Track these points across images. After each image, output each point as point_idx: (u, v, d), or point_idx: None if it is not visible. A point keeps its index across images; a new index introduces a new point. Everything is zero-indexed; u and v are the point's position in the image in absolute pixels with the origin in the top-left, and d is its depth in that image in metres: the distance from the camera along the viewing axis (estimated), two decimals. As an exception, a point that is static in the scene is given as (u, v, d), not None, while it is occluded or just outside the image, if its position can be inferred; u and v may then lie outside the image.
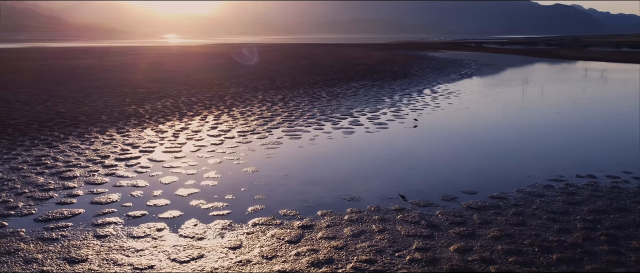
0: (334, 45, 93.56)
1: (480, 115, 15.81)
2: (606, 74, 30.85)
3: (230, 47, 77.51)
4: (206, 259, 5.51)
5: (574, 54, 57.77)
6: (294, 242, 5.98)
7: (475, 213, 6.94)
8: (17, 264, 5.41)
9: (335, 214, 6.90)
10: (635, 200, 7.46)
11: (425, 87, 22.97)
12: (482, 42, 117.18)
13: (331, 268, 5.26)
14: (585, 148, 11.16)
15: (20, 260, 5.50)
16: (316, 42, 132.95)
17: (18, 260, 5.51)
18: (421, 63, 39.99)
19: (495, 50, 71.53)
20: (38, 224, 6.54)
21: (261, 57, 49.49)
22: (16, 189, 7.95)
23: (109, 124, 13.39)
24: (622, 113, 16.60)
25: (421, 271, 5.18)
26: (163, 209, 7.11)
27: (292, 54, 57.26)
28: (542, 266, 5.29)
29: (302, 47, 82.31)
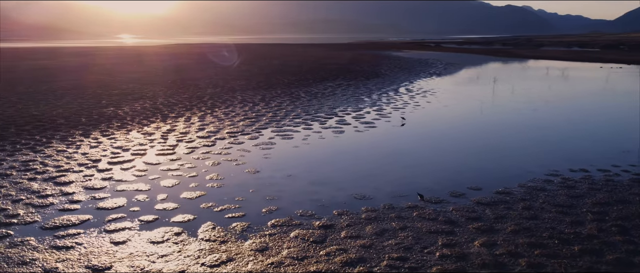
0: (298, 46, 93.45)
1: (462, 113, 16.14)
2: (567, 73, 32.09)
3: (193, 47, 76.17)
4: (237, 262, 5.41)
5: (531, 53, 59.86)
6: (320, 242, 5.95)
7: (487, 208, 7.09)
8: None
9: (351, 213, 6.91)
10: (631, 192, 7.80)
11: (400, 86, 23.28)
12: (440, 42, 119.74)
13: (366, 267, 5.27)
14: (571, 143, 11.57)
15: (39, 270, 5.24)
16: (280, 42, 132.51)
17: (37, 270, 5.25)
18: (389, 63, 40.49)
19: (455, 50, 73.22)
20: (46, 232, 6.25)
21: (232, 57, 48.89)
22: (11, 196, 7.57)
23: (90, 126, 12.93)
24: (594, 109, 17.29)
25: (455, 267, 5.26)
26: (174, 213, 6.93)
27: (260, 54, 56.82)
28: (568, 257, 5.46)
29: (267, 48, 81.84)
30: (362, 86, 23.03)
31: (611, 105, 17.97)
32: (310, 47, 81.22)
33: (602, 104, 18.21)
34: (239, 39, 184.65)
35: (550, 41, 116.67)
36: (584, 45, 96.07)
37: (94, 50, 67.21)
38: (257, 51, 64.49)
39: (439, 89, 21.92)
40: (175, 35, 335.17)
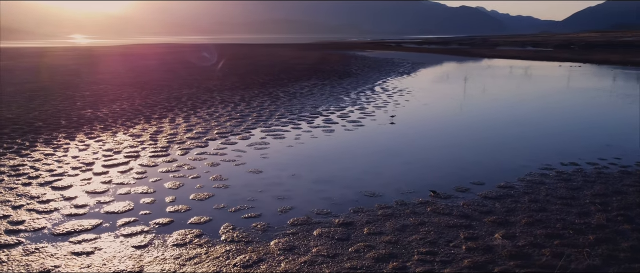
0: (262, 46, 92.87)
1: (444, 111, 16.49)
2: (531, 71, 33.24)
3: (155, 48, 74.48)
4: (269, 263, 5.38)
5: (490, 53, 61.63)
6: (345, 240, 5.98)
7: (495, 202, 7.31)
8: (66, 281, 4.98)
9: (367, 211, 6.98)
10: (624, 183, 8.20)
11: (374, 85, 23.55)
12: (400, 42, 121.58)
13: (399, 262, 5.34)
14: (555, 139, 12.01)
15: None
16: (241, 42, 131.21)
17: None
18: (357, 62, 40.84)
19: (416, 50, 74.53)
20: (60, 238, 6.03)
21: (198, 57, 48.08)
22: (9, 202, 7.25)
23: (73, 129, 12.49)
24: (568, 106, 17.97)
25: (484, 259, 5.40)
26: (187, 215, 6.82)
27: (225, 54, 56.12)
28: (587, 246, 5.70)
29: (230, 48, 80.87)
30: (338, 85, 23.16)
31: (584, 102, 18.74)
32: (274, 48, 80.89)
33: (574, 101, 18.97)
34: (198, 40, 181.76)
35: (504, 41, 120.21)
36: (537, 44, 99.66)
37: (51, 51, 64.71)
38: (222, 52, 63.67)
39: (414, 88, 22.30)
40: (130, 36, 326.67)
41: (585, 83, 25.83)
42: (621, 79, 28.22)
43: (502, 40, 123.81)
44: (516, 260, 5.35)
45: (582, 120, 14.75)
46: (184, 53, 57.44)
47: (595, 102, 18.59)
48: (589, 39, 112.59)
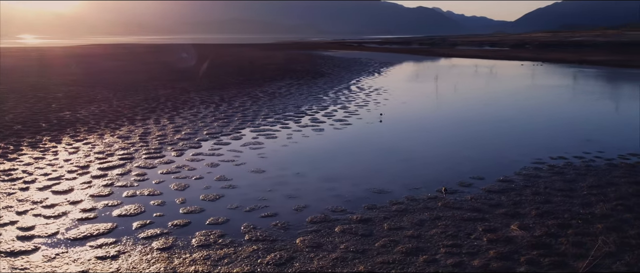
0: (221, 46, 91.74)
1: (425, 109, 16.84)
2: (497, 70, 34.29)
3: (116, 49, 72.42)
4: (301, 260, 5.42)
5: (452, 52, 63.16)
6: (369, 236, 6.08)
7: (501, 195, 7.57)
8: (100, 286, 4.87)
9: (381, 207, 7.10)
10: (613, 175, 8.64)
11: (349, 84, 23.76)
12: (361, 42, 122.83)
13: (428, 256, 5.48)
14: (539, 134, 12.50)
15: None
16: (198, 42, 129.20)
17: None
18: (326, 62, 41.04)
19: (379, 49, 75.51)
20: (78, 243, 5.87)
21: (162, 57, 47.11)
22: (12, 207, 6.99)
23: (56, 131, 12.08)
24: (542, 102, 18.66)
25: (508, 249, 5.61)
26: (203, 216, 6.76)
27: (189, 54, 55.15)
28: (599, 234, 6.00)
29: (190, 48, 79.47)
30: (314, 85, 23.25)
31: (556, 99, 19.46)
32: (236, 48, 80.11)
33: (547, 98, 19.68)
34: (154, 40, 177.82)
35: (462, 41, 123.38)
36: (494, 44, 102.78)
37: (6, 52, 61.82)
38: (182, 52, 62.55)
39: (389, 87, 22.63)
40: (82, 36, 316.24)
41: (551, 81, 26.90)
42: (582, 77, 29.50)
43: (460, 40, 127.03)
44: (538, 250, 5.58)
45: (559, 117, 15.37)
46: (146, 54, 56.21)
47: (566, 99, 19.39)
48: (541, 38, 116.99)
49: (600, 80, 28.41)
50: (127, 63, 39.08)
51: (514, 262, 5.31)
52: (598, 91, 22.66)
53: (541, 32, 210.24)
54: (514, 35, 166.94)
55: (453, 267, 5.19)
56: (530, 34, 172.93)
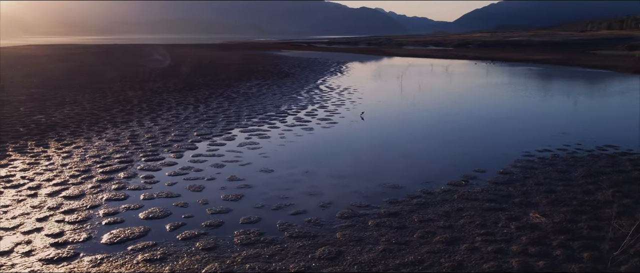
0: (172, 46, 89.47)
1: (401, 108, 17.29)
2: (453, 68, 35.50)
3: (58, 49, 69.06)
4: (351, 254, 5.59)
5: (403, 52, 64.74)
6: (403, 228, 6.33)
7: (508, 187, 8.03)
8: (163, 287, 4.85)
9: (402, 201, 7.37)
10: (599, 165, 9.33)
11: (317, 84, 23.97)
12: (310, 42, 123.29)
13: (468, 244, 5.79)
14: (518, 128, 13.19)
15: (157, 284, 4.92)
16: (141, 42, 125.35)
17: (154, 283, 4.93)
18: (285, 62, 41.06)
19: (329, 49, 76.24)
20: (116, 247, 5.78)
21: (112, 59, 45.43)
22: (28, 214, 6.73)
23: (38, 136, 11.57)
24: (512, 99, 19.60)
25: (537, 235, 6.01)
26: (233, 215, 6.79)
27: (143, 55, 53.58)
28: (611, 218, 6.53)
29: (141, 49, 77.15)
30: (283, 85, 23.30)
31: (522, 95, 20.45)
32: (186, 48, 78.39)
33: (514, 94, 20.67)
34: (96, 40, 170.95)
35: (408, 41, 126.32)
36: (438, 44, 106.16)
37: None
38: (135, 52, 60.69)
39: (358, 86, 23.03)
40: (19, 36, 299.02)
41: (510, 79, 28.21)
42: (535, 74, 31.09)
43: (405, 40, 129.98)
44: (564, 234, 6.02)
45: (531, 112, 16.26)
46: (92, 55, 54.09)
47: (532, 95, 20.44)
48: (482, 38, 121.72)
49: (553, 77, 30.08)
50: (78, 64, 37.50)
51: (547, 246, 5.71)
52: (556, 87, 24.06)
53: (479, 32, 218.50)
54: (455, 35, 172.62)
55: (495, 254, 5.52)
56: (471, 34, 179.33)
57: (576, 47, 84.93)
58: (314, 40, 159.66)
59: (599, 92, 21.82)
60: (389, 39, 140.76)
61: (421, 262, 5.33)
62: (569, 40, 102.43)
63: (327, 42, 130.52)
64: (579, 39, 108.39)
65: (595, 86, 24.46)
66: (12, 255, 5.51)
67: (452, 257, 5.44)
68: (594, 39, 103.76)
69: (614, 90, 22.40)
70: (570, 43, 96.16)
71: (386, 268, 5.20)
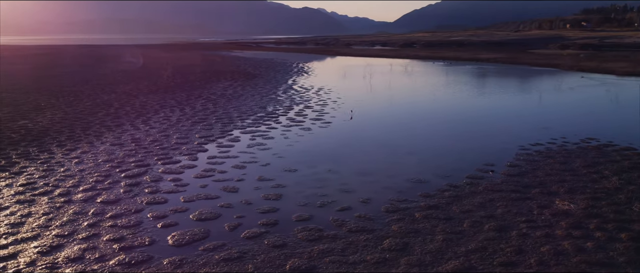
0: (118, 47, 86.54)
1: (386, 107, 17.83)
2: (413, 68, 36.63)
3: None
4: (416, 245, 5.95)
5: (354, 51, 65.87)
6: (450, 219, 6.76)
7: (522, 178, 8.65)
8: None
9: (434, 194, 7.81)
10: (591, 156, 10.16)
11: (290, 84, 24.18)
12: (258, 43, 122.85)
13: (516, 231, 6.29)
14: (503, 124, 14.02)
15: (249, 281, 5.09)
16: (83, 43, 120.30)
17: (246, 280, 5.09)
18: (245, 63, 40.87)
19: (279, 49, 76.51)
20: (189, 248, 5.86)
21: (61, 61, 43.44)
22: (77, 221, 6.64)
23: (35, 141, 11.17)
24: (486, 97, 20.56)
25: (572, 221, 6.59)
26: (283, 214, 6.97)
27: (94, 57, 51.53)
28: (628, 202, 7.24)
29: (86, 50, 74.10)
30: (256, 86, 23.34)
31: (494, 93, 21.54)
32: (135, 49, 76.02)
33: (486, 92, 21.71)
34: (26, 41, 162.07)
35: (355, 41, 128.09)
36: (385, 44, 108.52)
37: None
38: (84, 54, 58.29)
39: (330, 86, 23.40)
40: None
41: (472, 78, 29.50)
42: (492, 73, 32.66)
43: (353, 40, 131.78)
44: (596, 218, 6.65)
45: (508, 109, 17.27)
46: (43, 56, 51.54)
47: (502, 93, 21.57)
48: (424, 38, 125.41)
49: (509, 75, 31.71)
50: (30, 67, 35.71)
51: (587, 229, 6.31)
52: (517, 85, 25.47)
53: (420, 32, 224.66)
54: (398, 35, 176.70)
55: (546, 238, 6.05)
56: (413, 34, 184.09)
57: (514, 46, 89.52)
58: (260, 40, 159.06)
59: (557, 88, 23.30)
60: (336, 38, 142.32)
61: (485, 249, 5.77)
62: (506, 40, 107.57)
63: (274, 42, 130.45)
64: (515, 38, 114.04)
65: (550, 83, 26.04)
66: (86, 261, 5.48)
67: (509, 243, 5.92)
68: (528, 39, 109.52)
69: (568, 86, 23.96)
70: (507, 42, 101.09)
71: (456, 256, 5.60)
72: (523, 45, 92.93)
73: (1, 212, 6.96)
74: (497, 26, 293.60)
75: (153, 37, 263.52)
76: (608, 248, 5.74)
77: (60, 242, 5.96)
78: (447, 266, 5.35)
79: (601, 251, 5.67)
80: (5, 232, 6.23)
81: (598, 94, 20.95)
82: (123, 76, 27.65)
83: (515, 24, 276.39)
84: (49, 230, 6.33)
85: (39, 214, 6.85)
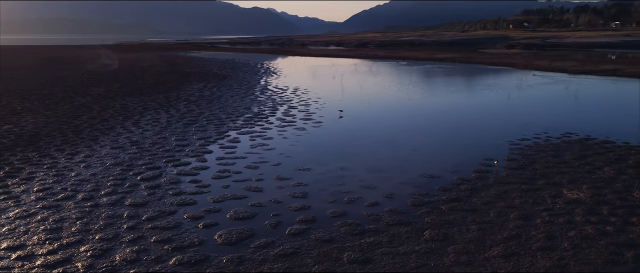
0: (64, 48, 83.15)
1: (371, 106, 18.23)
2: (377, 68, 37.37)
3: None
4: (455, 235, 6.33)
5: (311, 52, 66.28)
6: (475, 210, 7.19)
7: (524, 171, 9.23)
8: (325, 276, 5.24)
9: (450, 188, 8.23)
10: (577, 149, 10.91)
11: (263, 85, 24.25)
12: (212, 43, 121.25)
13: (541, 219, 6.79)
14: (486, 122, 14.70)
15: (314, 274, 5.31)
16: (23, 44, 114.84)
17: (311, 274, 5.30)
18: (207, 64, 40.42)
19: (236, 50, 76.00)
20: (240, 247, 6.00)
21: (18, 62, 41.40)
22: (113, 225, 6.62)
23: (30, 146, 10.84)
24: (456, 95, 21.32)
25: (586, 208, 7.16)
26: (317, 211, 7.19)
27: (48, 58, 49.36)
28: (629, 190, 7.92)
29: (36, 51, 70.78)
30: (231, 87, 23.28)
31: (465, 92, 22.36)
32: (86, 50, 73.34)
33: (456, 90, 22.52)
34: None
35: (309, 41, 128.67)
36: (339, 44, 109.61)
37: None
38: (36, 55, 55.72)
39: (305, 86, 23.64)
40: None
41: (438, 77, 30.46)
42: (456, 73, 33.81)
43: (307, 40, 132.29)
44: (606, 205, 7.26)
45: (486, 107, 18.01)
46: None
47: (474, 91, 22.47)
48: (377, 38, 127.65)
49: (472, 75, 32.94)
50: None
51: (601, 215, 6.89)
52: (484, 84, 26.56)
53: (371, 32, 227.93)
54: (351, 35, 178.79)
55: (568, 224, 6.58)
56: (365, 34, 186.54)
57: (465, 46, 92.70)
58: (212, 40, 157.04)
59: (521, 86, 24.47)
60: (291, 39, 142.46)
61: (519, 236, 6.23)
62: (455, 40, 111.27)
63: (228, 42, 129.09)
64: (464, 38, 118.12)
65: (512, 81, 27.28)
66: (145, 263, 5.53)
67: (538, 230, 6.40)
68: (476, 39, 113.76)
69: (530, 84, 25.22)
70: (457, 42, 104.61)
71: (496, 243, 6.01)
72: (473, 45, 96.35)
73: (30, 217, 6.83)
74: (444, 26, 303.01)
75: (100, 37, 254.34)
76: (627, 231, 6.32)
77: (108, 246, 5.95)
78: (492, 252, 5.76)
79: (622, 234, 6.24)
80: (47, 237, 6.15)
81: (561, 92, 22.22)
82: (89, 78, 26.83)
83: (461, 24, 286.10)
84: (91, 234, 6.29)
85: (73, 219, 6.78)
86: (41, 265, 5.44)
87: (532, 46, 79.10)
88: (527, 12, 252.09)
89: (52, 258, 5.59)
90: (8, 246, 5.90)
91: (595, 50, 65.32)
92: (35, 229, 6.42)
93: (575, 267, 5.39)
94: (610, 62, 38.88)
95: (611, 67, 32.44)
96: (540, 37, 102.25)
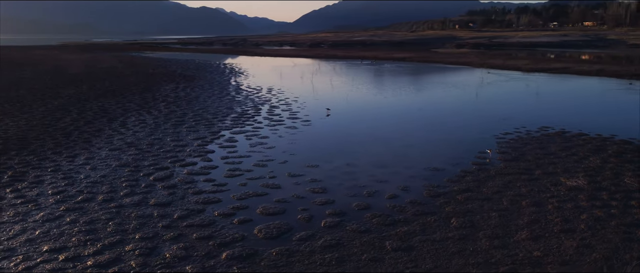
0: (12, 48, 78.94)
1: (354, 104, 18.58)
2: (339, 68, 37.85)
3: None
4: (478, 222, 6.77)
5: (269, 51, 66.19)
6: (489, 199, 7.67)
7: (519, 162, 9.84)
8: None
9: (459, 180, 8.70)
10: (558, 141, 11.68)
11: (235, 86, 24.19)
12: (163, 43, 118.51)
13: (552, 205, 7.34)
14: (465, 118, 15.36)
15: None
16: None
17: None
18: (169, 65, 39.68)
19: (190, 50, 74.79)
20: (281, 241, 6.20)
21: None
22: (147, 224, 6.66)
23: (24, 151, 10.51)
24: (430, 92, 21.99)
25: (587, 193, 7.79)
26: (343, 204, 7.46)
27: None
28: (618, 177, 8.63)
29: None
30: (204, 87, 23.10)
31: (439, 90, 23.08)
32: (30, 50, 70.00)
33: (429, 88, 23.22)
34: None
35: (262, 41, 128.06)
36: (293, 44, 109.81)
37: None
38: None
39: (278, 86, 23.77)
40: None
41: (405, 76, 31.24)
42: (421, 72, 34.76)
43: (260, 40, 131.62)
44: (604, 191, 7.92)
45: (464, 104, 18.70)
46: None
47: (447, 90, 23.24)
48: (329, 39, 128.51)
49: (435, 74, 33.98)
50: None
51: (603, 200, 7.52)
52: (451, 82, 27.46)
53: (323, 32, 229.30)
54: (303, 35, 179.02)
55: (577, 209, 7.16)
56: (317, 34, 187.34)
57: (417, 45, 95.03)
58: (162, 40, 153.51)
59: (486, 84, 25.56)
60: (244, 39, 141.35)
61: (538, 221, 6.74)
62: (406, 40, 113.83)
63: (180, 42, 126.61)
64: (414, 38, 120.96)
65: (475, 79, 28.36)
66: (197, 259, 5.63)
67: (553, 215, 6.94)
68: (427, 39, 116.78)
69: (490, 81, 26.37)
70: (409, 42, 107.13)
71: (520, 228, 6.49)
72: (424, 44, 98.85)
73: (58, 220, 6.74)
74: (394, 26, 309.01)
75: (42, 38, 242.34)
76: (631, 213, 6.96)
77: (153, 244, 6.00)
78: (520, 236, 6.22)
79: (628, 215, 6.87)
80: (86, 239, 6.12)
81: (523, 88, 23.39)
82: (53, 79, 25.86)
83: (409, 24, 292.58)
84: (129, 234, 6.31)
85: (104, 220, 6.75)
86: (93, 265, 5.44)
87: (480, 46, 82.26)
88: (471, 12, 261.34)
89: (101, 258, 5.60)
90: (50, 248, 5.85)
91: (538, 49, 68.74)
92: (70, 231, 6.36)
93: (598, 244, 5.93)
94: (560, 61, 41.09)
95: (561, 65, 34.34)
96: (486, 37, 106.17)
